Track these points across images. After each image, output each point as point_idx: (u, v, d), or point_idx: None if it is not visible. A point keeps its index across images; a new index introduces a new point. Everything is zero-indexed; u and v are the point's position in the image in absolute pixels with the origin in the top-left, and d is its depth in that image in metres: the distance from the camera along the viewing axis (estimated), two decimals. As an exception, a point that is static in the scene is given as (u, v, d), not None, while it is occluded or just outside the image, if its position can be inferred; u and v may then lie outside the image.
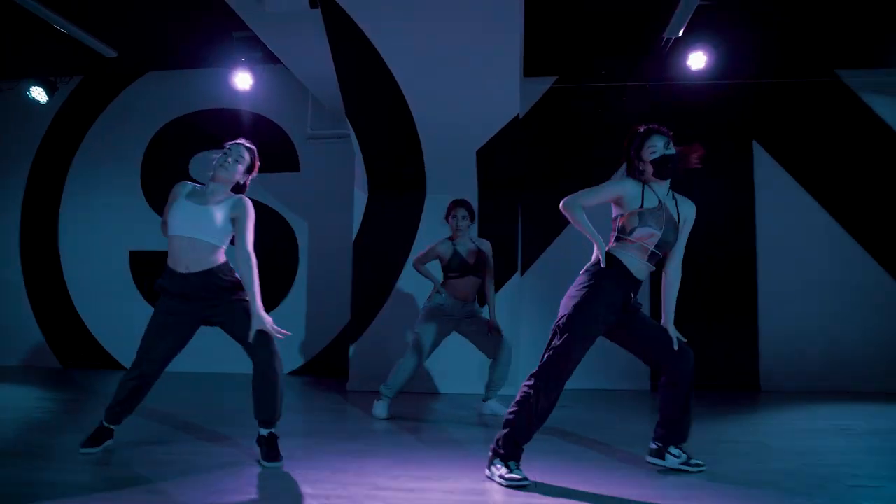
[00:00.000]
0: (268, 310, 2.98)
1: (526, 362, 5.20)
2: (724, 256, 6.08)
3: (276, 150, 7.04)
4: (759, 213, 6.17)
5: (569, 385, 2.72)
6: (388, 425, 3.98)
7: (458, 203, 4.51)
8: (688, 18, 5.12)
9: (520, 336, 5.64)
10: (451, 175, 5.69)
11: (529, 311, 5.89)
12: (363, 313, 5.86)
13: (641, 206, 2.75)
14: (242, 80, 6.43)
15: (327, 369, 6.64)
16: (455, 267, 4.43)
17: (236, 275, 3.00)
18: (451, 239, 4.51)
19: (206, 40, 6.43)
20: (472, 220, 4.51)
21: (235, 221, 3.02)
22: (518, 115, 5.35)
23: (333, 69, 5.19)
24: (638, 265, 2.78)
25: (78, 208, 7.31)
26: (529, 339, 5.67)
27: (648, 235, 2.75)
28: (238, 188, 3.15)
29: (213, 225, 2.96)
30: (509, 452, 2.64)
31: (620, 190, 2.79)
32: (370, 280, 5.89)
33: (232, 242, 3.05)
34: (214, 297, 2.97)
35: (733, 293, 6.07)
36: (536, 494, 2.44)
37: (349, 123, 5.56)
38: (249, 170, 3.17)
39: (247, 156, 3.14)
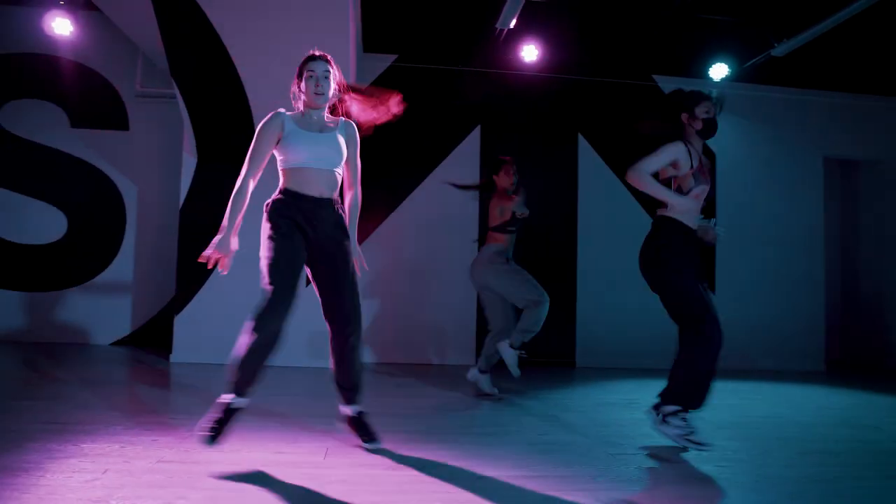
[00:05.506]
0: (91, 276, 2.76)
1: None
2: (548, 243, 6.51)
3: (104, 106, 6.56)
4: (581, 203, 6.64)
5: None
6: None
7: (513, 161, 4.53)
8: (517, 11, 5.33)
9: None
10: (283, 147, 5.60)
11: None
12: (189, 284, 5.69)
13: (692, 166, 2.98)
14: (61, 24, 5.90)
15: (155, 340, 6.41)
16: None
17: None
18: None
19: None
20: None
21: (348, 146, 2.78)
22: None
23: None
24: (693, 220, 3.03)
25: None
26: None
27: (702, 192, 3.00)
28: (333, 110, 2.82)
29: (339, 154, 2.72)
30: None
31: (676, 153, 2.98)
32: (197, 250, 5.68)
33: None
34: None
35: (557, 277, 6.49)
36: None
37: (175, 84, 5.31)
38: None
39: (332, 68, 2.74)
